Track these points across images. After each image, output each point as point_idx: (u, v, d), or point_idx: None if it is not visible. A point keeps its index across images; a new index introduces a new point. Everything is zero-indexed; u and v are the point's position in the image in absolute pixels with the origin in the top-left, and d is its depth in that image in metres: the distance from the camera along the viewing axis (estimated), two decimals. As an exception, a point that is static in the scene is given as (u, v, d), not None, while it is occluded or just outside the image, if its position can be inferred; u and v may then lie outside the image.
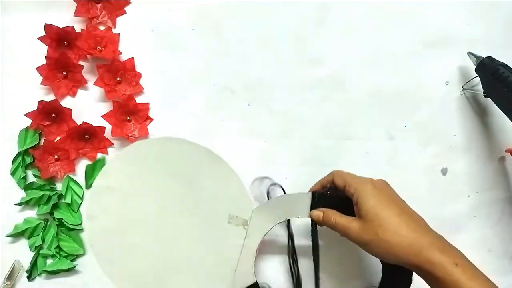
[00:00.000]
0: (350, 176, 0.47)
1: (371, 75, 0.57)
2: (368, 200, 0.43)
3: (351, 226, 0.44)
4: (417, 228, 0.42)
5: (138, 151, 0.53)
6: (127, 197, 0.52)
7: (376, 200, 0.43)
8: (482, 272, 0.41)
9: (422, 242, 0.41)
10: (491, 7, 0.59)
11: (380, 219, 0.42)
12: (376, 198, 0.43)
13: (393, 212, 0.42)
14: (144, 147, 0.53)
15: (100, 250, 0.51)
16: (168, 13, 0.57)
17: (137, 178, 0.52)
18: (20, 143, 0.55)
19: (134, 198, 0.52)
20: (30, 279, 0.54)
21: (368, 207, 0.43)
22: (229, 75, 0.57)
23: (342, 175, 0.47)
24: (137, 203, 0.52)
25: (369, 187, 0.44)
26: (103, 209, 0.52)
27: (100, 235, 0.51)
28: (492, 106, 0.55)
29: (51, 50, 0.55)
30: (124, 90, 0.55)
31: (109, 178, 0.52)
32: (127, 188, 0.52)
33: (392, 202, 0.44)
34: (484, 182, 0.57)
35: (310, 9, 0.58)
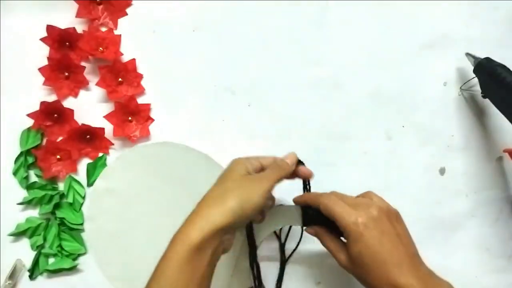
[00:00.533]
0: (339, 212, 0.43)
1: (369, 75, 0.58)
2: (355, 245, 0.41)
3: (339, 256, 0.44)
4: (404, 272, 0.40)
5: (138, 155, 0.53)
6: (127, 200, 0.52)
7: (363, 246, 0.41)
8: None
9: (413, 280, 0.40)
10: (489, 8, 0.59)
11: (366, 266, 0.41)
12: (363, 244, 0.41)
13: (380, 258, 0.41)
14: (144, 151, 0.54)
15: (99, 252, 0.52)
16: (169, 14, 0.57)
17: (137, 182, 0.53)
18: (22, 143, 0.55)
19: (133, 201, 0.52)
20: (32, 278, 0.54)
21: (355, 252, 0.41)
22: (229, 76, 0.57)
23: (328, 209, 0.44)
24: (136, 206, 0.52)
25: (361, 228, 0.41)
26: (103, 211, 0.52)
27: (99, 237, 0.52)
28: (490, 107, 0.55)
29: (53, 51, 0.55)
30: (125, 90, 0.56)
31: (109, 180, 0.53)
32: (126, 191, 0.53)
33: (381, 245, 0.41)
34: (482, 182, 0.57)
35: (309, 10, 0.58)
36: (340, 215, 0.42)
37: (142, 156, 0.54)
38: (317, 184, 0.56)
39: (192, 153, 0.54)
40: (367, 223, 0.42)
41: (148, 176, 0.53)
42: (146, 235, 0.52)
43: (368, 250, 0.41)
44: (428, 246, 0.54)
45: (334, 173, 0.56)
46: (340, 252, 0.44)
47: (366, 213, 0.42)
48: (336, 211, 0.43)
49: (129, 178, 0.53)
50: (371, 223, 0.42)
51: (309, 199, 0.47)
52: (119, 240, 0.52)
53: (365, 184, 0.56)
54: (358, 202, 0.44)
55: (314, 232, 0.47)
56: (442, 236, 0.56)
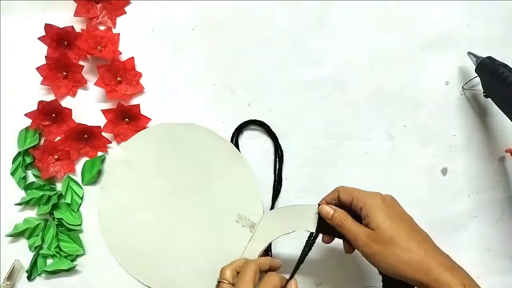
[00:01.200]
0: (357, 191, 0.46)
1: (371, 75, 0.57)
2: (379, 214, 0.43)
3: (362, 233, 0.43)
4: (427, 246, 0.42)
5: (162, 132, 0.54)
6: (142, 175, 0.53)
7: (387, 214, 0.43)
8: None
9: (432, 261, 0.41)
10: (491, 7, 0.59)
11: (392, 233, 0.42)
12: (386, 212, 0.43)
13: (403, 228, 0.42)
14: (169, 130, 0.54)
15: (106, 221, 0.53)
16: (168, 13, 0.57)
17: (155, 159, 0.54)
18: (20, 143, 0.55)
19: (148, 177, 0.53)
20: (30, 279, 0.54)
21: (379, 220, 0.42)
22: (229, 75, 0.57)
23: (348, 189, 0.46)
24: (150, 183, 0.53)
25: (379, 201, 0.44)
26: (117, 181, 0.54)
27: (109, 206, 0.53)
28: (492, 106, 0.55)
29: (51, 50, 0.55)
30: (124, 90, 0.55)
31: (129, 152, 0.54)
32: (143, 167, 0.53)
33: (402, 218, 0.44)
34: (484, 182, 0.57)
35: (310, 9, 0.57)
36: (358, 192, 0.45)
37: (166, 134, 0.54)
38: (318, 184, 0.56)
39: (217, 139, 0.54)
40: (386, 199, 0.44)
41: (167, 155, 0.54)
42: (155, 213, 0.53)
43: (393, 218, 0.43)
44: None
45: (335, 173, 0.56)
46: (362, 229, 0.44)
47: (382, 196, 0.45)
48: (355, 189, 0.46)
49: (148, 153, 0.54)
50: (390, 201, 0.45)
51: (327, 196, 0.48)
52: (127, 213, 0.53)
53: (366, 184, 0.55)
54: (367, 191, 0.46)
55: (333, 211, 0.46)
56: (443, 237, 0.56)
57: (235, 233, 0.51)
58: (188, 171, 0.53)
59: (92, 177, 0.55)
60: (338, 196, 0.47)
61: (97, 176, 0.55)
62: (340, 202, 0.47)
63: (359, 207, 0.44)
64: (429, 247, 0.42)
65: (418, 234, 0.43)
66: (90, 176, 0.55)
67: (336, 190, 0.48)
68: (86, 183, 0.55)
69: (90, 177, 0.55)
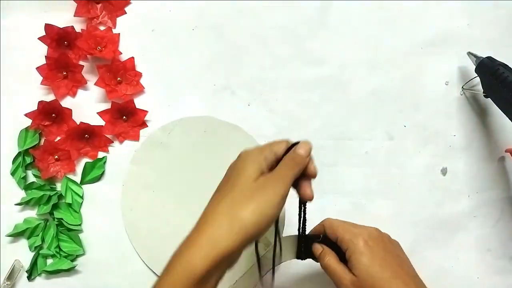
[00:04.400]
0: (341, 230, 0.44)
1: (371, 75, 0.57)
2: (361, 259, 0.42)
3: (344, 277, 0.42)
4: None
5: (203, 124, 0.55)
6: (174, 159, 0.54)
7: (369, 259, 0.42)
8: None
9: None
10: (491, 7, 0.58)
11: (372, 281, 0.41)
12: (369, 257, 0.42)
13: (384, 276, 0.41)
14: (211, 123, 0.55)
15: (128, 193, 0.54)
16: (168, 13, 0.57)
17: (190, 148, 0.55)
18: (20, 143, 0.55)
19: (178, 163, 0.54)
20: (30, 279, 0.54)
21: (361, 266, 0.41)
22: (229, 75, 0.57)
23: (333, 227, 0.45)
24: (178, 169, 0.54)
25: (361, 243, 0.42)
26: (149, 160, 0.55)
27: (135, 180, 0.54)
28: (492, 106, 0.55)
29: (51, 50, 0.55)
30: (124, 90, 0.55)
31: (168, 134, 0.55)
32: (177, 152, 0.55)
33: (386, 262, 0.42)
34: (483, 182, 0.57)
35: (310, 9, 0.57)
36: (342, 232, 0.44)
37: (208, 127, 0.55)
38: (318, 184, 0.55)
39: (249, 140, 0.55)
40: (370, 241, 0.43)
41: (203, 147, 0.54)
42: (175, 199, 0.54)
43: (374, 264, 0.41)
44: (429, 247, 0.55)
45: (334, 173, 0.56)
46: (345, 274, 0.42)
47: (368, 232, 0.44)
48: (339, 228, 0.44)
49: (186, 140, 0.55)
50: (374, 241, 0.43)
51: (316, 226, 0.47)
52: (150, 192, 0.54)
53: (366, 184, 0.56)
54: (356, 225, 0.45)
55: (321, 249, 0.45)
56: (443, 237, 0.56)
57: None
58: (218, 170, 0.52)
59: (92, 178, 0.55)
60: (324, 230, 0.46)
61: (98, 178, 0.55)
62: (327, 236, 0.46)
63: (343, 248, 0.43)
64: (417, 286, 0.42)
65: (401, 281, 0.41)
66: (90, 178, 0.55)
67: (322, 225, 0.46)
68: (85, 183, 0.55)
69: (90, 178, 0.55)
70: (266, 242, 0.49)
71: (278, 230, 0.45)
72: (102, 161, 0.55)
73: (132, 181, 0.55)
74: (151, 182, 0.55)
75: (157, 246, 0.53)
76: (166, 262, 0.36)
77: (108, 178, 0.56)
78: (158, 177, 0.55)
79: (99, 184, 0.56)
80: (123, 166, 0.56)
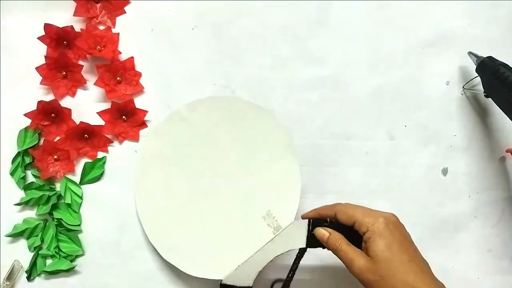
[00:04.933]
0: (362, 212, 0.44)
1: (371, 74, 0.57)
2: (380, 241, 0.42)
3: (357, 259, 0.42)
4: (425, 278, 0.41)
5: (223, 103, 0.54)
6: (195, 137, 0.53)
7: (388, 242, 0.42)
8: None
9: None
10: (491, 7, 0.59)
11: (389, 263, 0.41)
12: (388, 240, 0.42)
13: (402, 258, 0.41)
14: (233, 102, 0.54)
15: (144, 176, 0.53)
16: (168, 12, 0.57)
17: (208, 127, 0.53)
18: (19, 143, 0.55)
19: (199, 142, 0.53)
20: (30, 280, 0.54)
21: (378, 248, 0.41)
22: (228, 75, 0.57)
23: (348, 211, 0.45)
24: (195, 149, 0.53)
25: (382, 226, 0.43)
26: (170, 132, 0.53)
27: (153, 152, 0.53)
28: (493, 106, 0.55)
29: (50, 50, 0.55)
30: (124, 89, 0.55)
31: (191, 111, 0.53)
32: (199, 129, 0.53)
33: (403, 246, 0.42)
34: (484, 182, 0.57)
35: (310, 9, 0.57)
36: (361, 215, 0.44)
37: (229, 106, 0.53)
38: (318, 184, 0.56)
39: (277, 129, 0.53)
40: (390, 224, 0.43)
41: (223, 126, 0.53)
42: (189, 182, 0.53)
43: (394, 247, 0.41)
44: (430, 247, 0.55)
45: (335, 173, 0.56)
46: (358, 255, 0.42)
47: (388, 216, 0.44)
48: (357, 211, 0.44)
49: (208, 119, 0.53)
50: (393, 224, 0.43)
51: (322, 209, 0.47)
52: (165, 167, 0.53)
53: (367, 184, 0.56)
54: (373, 209, 0.45)
55: (328, 234, 0.45)
56: (444, 237, 0.56)
57: (257, 230, 0.49)
58: (238, 150, 0.52)
59: (91, 178, 0.55)
60: (336, 216, 0.46)
61: (97, 178, 0.55)
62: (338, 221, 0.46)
63: (362, 231, 0.43)
64: (426, 278, 0.41)
65: (416, 265, 0.42)
66: (90, 178, 0.55)
67: (333, 210, 0.46)
68: (84, 183, 0.55)
69: (90, 178, 0.55)
70: (275, 226, 0.49)
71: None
72: (101, 161, 0.55)
73: (150, 153, 0.54)
74: (169, 155, 0.53)
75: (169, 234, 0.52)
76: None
77: (107, 178, 0.56)
78: (176, 152, 0.53)
79: (98, 184, 0.55)
80: (122, 166, 0.56)
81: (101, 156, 0.56)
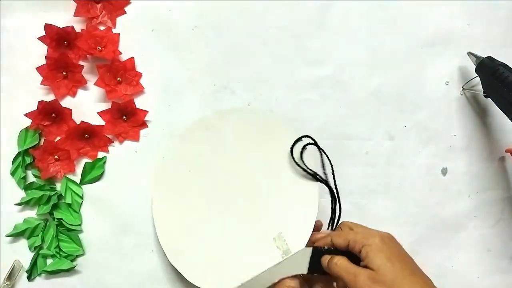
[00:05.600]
0: (353, 233, 0.44)
1: (371, 75, 0.57)
2: (378, 254, 0.41)
3: (361, 273, 0.41)
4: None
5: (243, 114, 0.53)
6: (218, 147, 0.53)
7: (387, 256, 0.41)
8: None
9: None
10: (491, 7, 0.58)
11: (393, 276, 0.40)
12: (387, 253, 0.41)
13: (404, 271, 0.40)
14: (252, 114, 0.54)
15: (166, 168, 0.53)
16: (168, 13, 0.57)
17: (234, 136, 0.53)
18: (20, 143, 0.55)
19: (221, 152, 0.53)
20: (30, 279, 0.54)
21: (379, 261, 0.41)
22: (229, 75, 0.57)
23: (342, 234, 0.45)
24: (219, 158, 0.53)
25: (378, 240, 0.42)
26: (196, 138, 0.53)
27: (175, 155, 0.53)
28: (492, 106, 0.55)
29: (51, 50, 0.55)
30: (124, 90, 0.55)
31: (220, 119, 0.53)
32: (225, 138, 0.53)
33: (403, 260, 0.42)
34: (484, 182, 0.57)
35: (310, 9, 0.57)
36: (354, 234, 0.44)
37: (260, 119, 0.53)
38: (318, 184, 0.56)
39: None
40: (385, 239, 0.43)
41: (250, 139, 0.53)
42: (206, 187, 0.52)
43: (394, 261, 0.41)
44: (429, 247, 0.56)
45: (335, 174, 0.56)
46: (360, 270, 0.42)
47: (380, 233, 0.44)
48: (350, 233, 0.44)
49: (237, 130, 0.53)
50: (389, 239, 0.43)
51: (317, 238, 0.47)
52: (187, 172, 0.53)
53: (367, 184, 0.57)
54: (368, 228, 0.45)
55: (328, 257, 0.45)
56: (443, 237, 0.56)
57: (265, 249, 0.49)
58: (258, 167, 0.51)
59: (92, 178, 0.55)
60: (332, 241, 0.45)
61: (98, 178, 0.55)
62: (334, 247, 0.45)
63: (357, 249, 0.43)
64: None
65: (419, 278, 0.41)
66: (90, 178, 0.55)
67: (328, 236, 0.46)
68: (84, 183, 0.55)
69: (90, 178, 0.55)
70: (285, 250, 0.49)
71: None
72: (102, 161, 0.55)
73: (172, 156, 0.53)
74: (191, 161, 0.53)
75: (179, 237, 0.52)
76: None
77: (108, 178, 0.56)
78: (198, 159, 0.53)
79: (99, 184, 0.55)
80: (123, 166, 0.56)
81: (101, 156, 0.56)
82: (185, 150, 0.53)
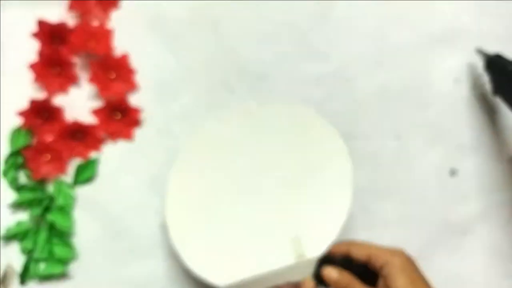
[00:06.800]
0: (375, 247, 0.43)
1: (377, 71, 0.57)
2: (400, 276, 0.40)
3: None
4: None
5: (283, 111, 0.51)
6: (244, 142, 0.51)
7: (409, 279, 0.40)
8: None
9: None
10: (500, 3, 0.58)
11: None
12: (409, 276, 0.40)
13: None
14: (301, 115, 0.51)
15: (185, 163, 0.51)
16: (164, 7, 0.57)
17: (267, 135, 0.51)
18: (12, 143, 0.54)
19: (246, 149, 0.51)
20: (23, 284, 0.53)
21: (401, 283, 0.39)
22: (227, 71, 0.56)
23: (364, 246, 0.43)
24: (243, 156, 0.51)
25: (401, 260, 0.41)
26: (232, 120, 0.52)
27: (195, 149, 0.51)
28: (501, 105, 0.55)
29: (43, 47, 0.55)
30: (118, 87, 0.55)
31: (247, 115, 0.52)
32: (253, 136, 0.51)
33: (423, 284, 0.41)
34: (493, 183, 0.57)
35: (314, 3, 0.57)
36: (379, 250, 0.42)
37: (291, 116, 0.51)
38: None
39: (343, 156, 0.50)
40: (408, 259, 0.42)
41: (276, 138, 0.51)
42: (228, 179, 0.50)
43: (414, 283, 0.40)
44: (437, 251, 0.55)
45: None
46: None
47: (404, 254, 0.42)
48: (371, 247, 0.43)
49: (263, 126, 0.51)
50: (409, 261, 0.42)
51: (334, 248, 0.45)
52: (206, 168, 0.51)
53: (372, 186, 0.56)
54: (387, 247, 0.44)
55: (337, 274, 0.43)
56: (452, 239, 0.56)
57: (279, 249, 0.47)
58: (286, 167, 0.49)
59: (84, 179, 0.55)
60: (349, 252, 0.44)
61: (90, 179, 0.55)
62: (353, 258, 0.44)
63: (378, 265, 0.41)
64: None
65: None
66: (83, 179, 0.55)
67: (346, 245, 0.44)
68: (77, 184, 0.55)
69: (83, 179, 0.55)
70: (299, 254, 0.47)
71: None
72: (94, 162, 0.55)
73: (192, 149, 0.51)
74: (212, 156, 0.51)
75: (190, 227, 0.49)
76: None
77: (101, 179, 0.55)
78: (221, 154, 0.51)
79: (92, 185, 0.55)
80: (116, 166, 0.55)
81: (94, 156, 0.55)
82: (219, 131, 0.51)
